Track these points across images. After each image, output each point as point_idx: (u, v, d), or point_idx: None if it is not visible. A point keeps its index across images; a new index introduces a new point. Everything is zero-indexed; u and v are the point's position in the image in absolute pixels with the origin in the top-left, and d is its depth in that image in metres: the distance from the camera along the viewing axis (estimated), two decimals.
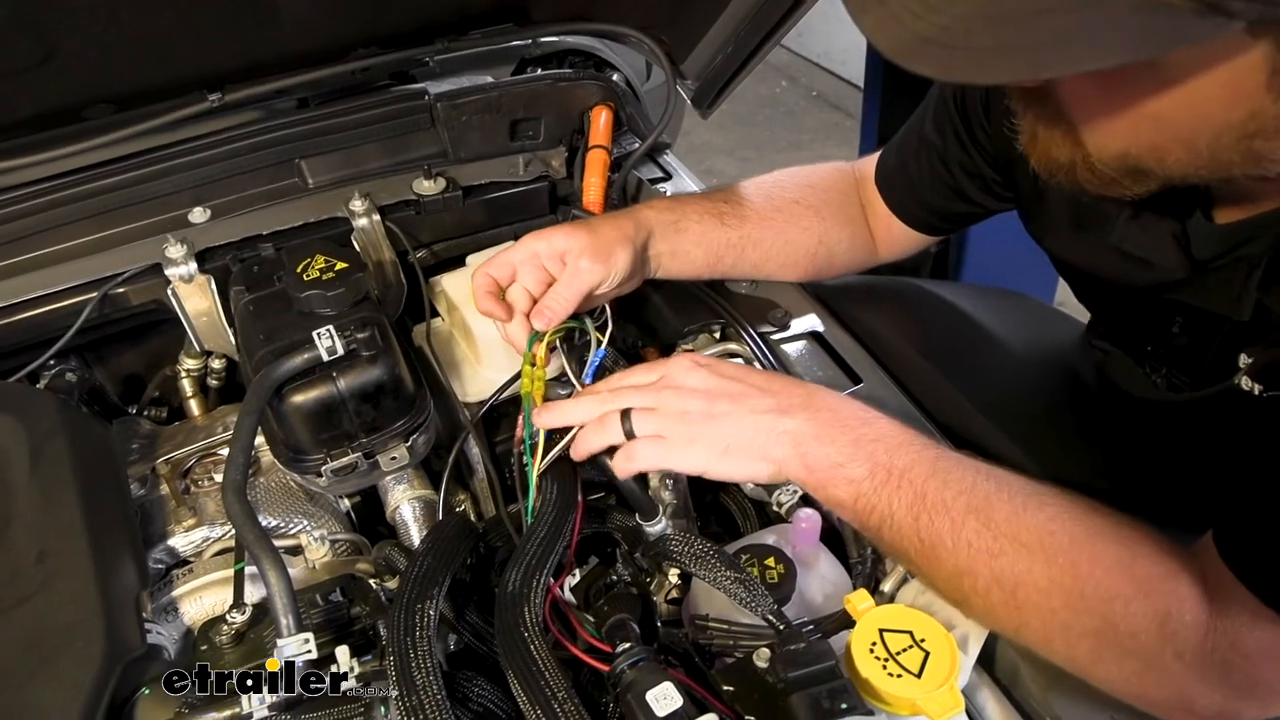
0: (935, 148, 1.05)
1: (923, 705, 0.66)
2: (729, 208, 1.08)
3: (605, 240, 0.95)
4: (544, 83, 1.31)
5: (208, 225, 1.15)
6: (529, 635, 0.70)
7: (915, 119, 1.09)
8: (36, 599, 0.75)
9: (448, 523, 0.87)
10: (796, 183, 1.13)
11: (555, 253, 0.94)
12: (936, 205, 1.09)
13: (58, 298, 1.08)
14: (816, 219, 1.11)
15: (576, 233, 0.95)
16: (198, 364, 1.17)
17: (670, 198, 1.12)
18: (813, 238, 1.11)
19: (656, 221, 1.02)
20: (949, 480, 0.74)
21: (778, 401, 0.81)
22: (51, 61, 0.94)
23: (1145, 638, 0.66)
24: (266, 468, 1.02)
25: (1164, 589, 0.67)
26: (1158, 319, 0.87)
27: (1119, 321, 0.97)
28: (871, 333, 1.07)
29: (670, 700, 0.63)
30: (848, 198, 1.15)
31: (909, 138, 1.09)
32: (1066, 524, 0.71)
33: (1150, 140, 0.62)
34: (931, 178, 1.07)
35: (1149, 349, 0.90)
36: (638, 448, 0.81)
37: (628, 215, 1.02)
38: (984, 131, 0.99)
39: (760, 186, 1.12)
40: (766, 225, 1.09)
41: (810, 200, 1.12)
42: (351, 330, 0.90)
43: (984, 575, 0.71)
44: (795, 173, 1.16)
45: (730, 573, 0.74)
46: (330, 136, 1.22)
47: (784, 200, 1.11)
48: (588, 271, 0.93)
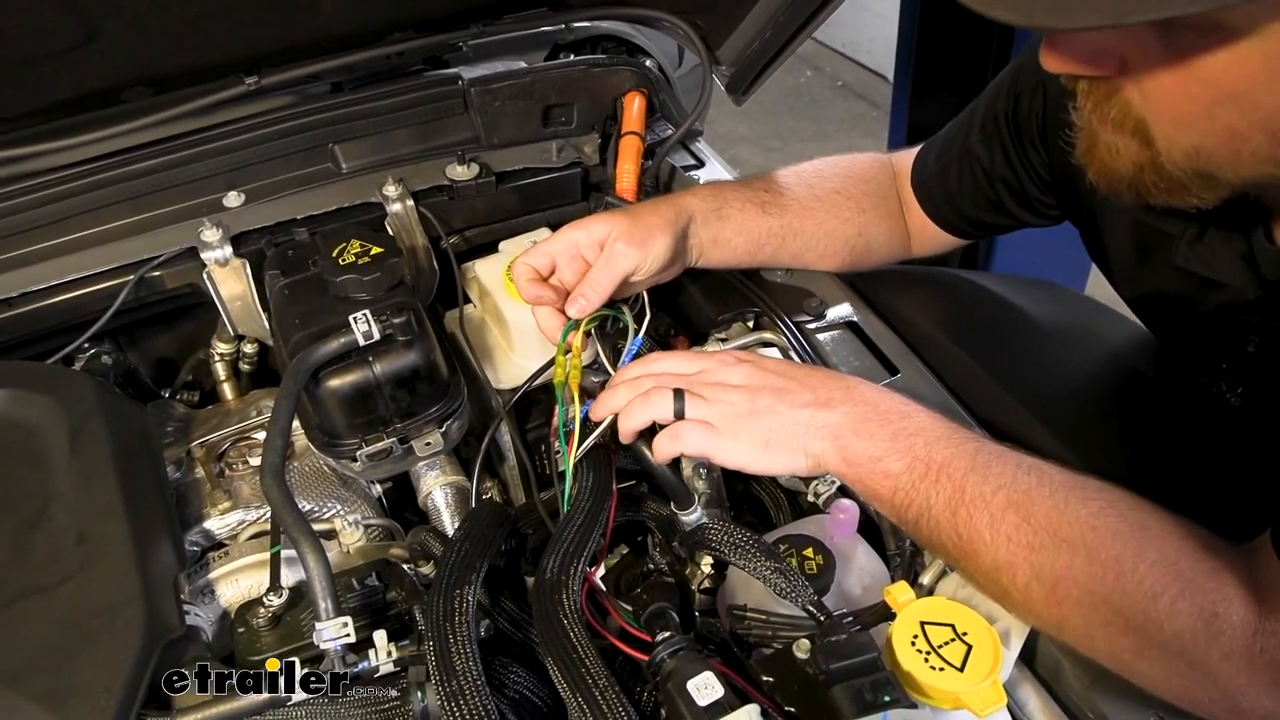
0: (980, 161, 1.03)
1: (965, 699, 0.65)
2: (770, 196, 1.07)
3: (644, 225, 0.95)
4: (577, 68, 1.30)
5: (242, 209, 1.15)
6: (569, 623, 0.70)
7: (959, 126, 1.07)
8: (77, 579, 0.76)
9: (483, 509, 0.87)
10: (838, 173, 1.12)
11: (593, 241, 0.94)
12: (974, 216, 1.08)
13: (94, 281, 1.08)
14: (857, 211, 1.10)
15: (614, 218, 0.94)
16: (230, 348, 1.17)
17: (711, 185, 1.09)
18: (853, 229, 1.10)
19: (698, 208, 1.01)
20: (988, 474, 0.73)
21: (817, 396, 0.80)
22: (93, 43, 0.94)
23: (1190, 637, 0.65)
24: (301, 452, 1.02)
25: (1210, 587, 0.65)
26: (1231, 338, 0.84)
27: (1189, 342, 0.93)
28: (908, 322, 1.06)
29: (711, 690, 0.63)
30: (888, 191, 1.13)
31: (951, 145, 1.07)
32: (1110, 519, 0.69)
33: (1228, 126, 0.59)
34: (973, 190, 1.05)
35: (1224, 367, 0.88)
36: (685, 429, 0.80)
37: (668, 201, 1.01)
38: (1037, 152, 0.98)
39: (801, 176, 1.11)
40: (808, 215, 1.08)
41: (851, 191, 1.11)
42: (387, 315, 0.89)
43: (1024, 570, 0.69)
44: (836, 162, 1.14)
45: (770, 563, 0.73)
46: (364, 121, 1.22)
47: (825, 190, 1.09)
48: (623, 255, 0.93)
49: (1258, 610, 0.64)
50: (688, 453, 0.82)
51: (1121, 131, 0.65)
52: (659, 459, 0.82)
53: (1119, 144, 0.66)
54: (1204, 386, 0.90)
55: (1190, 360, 0.94)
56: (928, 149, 1.12)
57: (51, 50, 0.94)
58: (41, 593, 0.75)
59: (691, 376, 0.84)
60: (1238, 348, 0.84)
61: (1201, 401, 0.91)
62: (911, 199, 1.12)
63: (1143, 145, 0.64)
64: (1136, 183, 0.67)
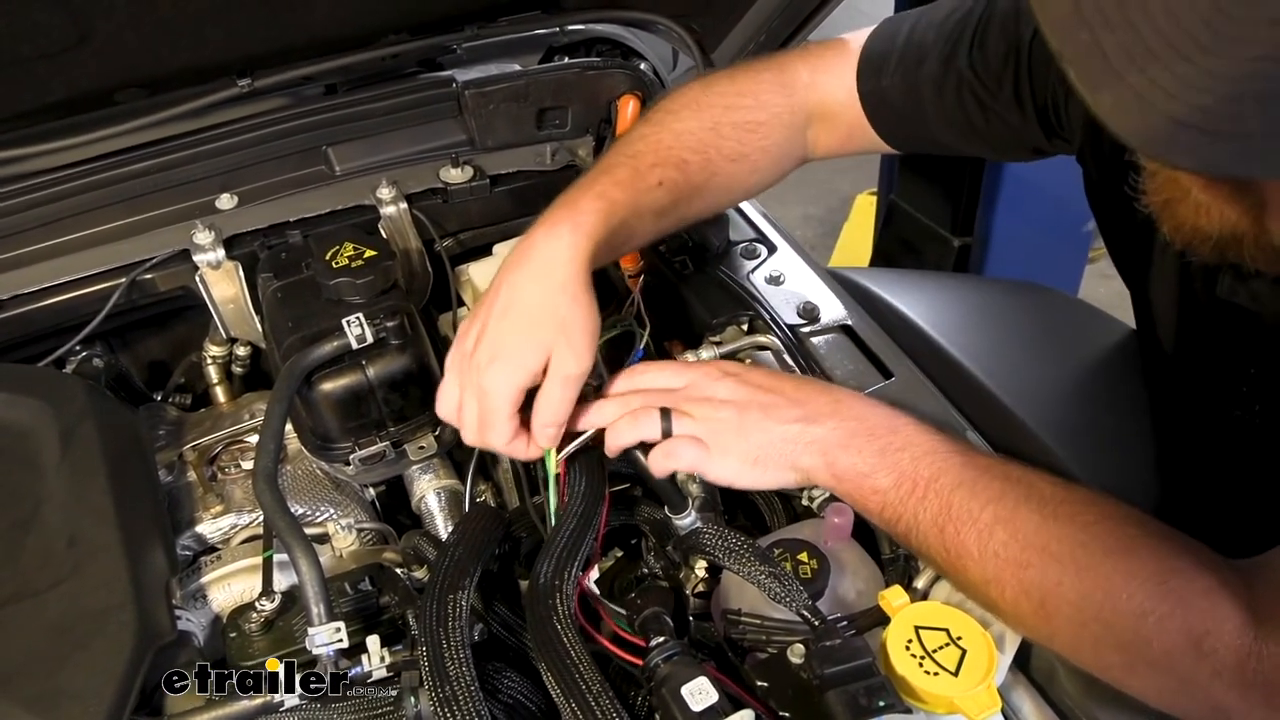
0: (975, 92, 0.91)
1: (960, 704, 0.65)
2: (665, 196, 0.92)
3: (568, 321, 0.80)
4: (572, 71, 1.30)
5: (235, 212, 1.15)
6: (562, 627, 0.69)
7: (932, 32, 0.94)
8: (68, 583, 0.75)
9: (477, 513, 0.86)
10: (736, 131, 0.97)
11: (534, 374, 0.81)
12: (945, 141, 0.98)
13: (85, 283, 1.08)
14: (750, 174, 1.00)
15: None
16: (223, 351, 1.17)
17: (595, 192, 0.88)
18: (742, 191, 1.03)
19: (597, 245, 0.85)
20: (976, 489, 0.72)
21: (805, 411, 0.79)
22: (86, 44, 0.94)
23: (1180, 655, 0.64)
24: (294, 455, 1.02)
25: (1202, 606, 0.64)
26: (1262, 364, 0.82)
27: (1210, 363, 0.90)
28: (903, 325, 1.06)
29: (706, 695, 0.63)
30: (790, 137, 1.01)
31: (926, 60, 0.93)
32: (1099, 534, 0.68)
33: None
34: (956, 113, 0.93)
35: (1244, 390, 0.85)
36: (678, 446, 0.79)
37: (566, 264, 0.82)
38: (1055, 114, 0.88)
39: (697, 148, 0.96)
40: (699, 200, 0.97)
41: (749, 154, 0.98)
42: (380, 318, 0.89)
43: (1012, 586, 0.69)
44: (733, 110, 0.98)
45: (764, 567, 0.73)
46: (358, 124, 1.22)
47: (722, 163, 0.97)
48: (574, 368, 0.80)
49: (1253, 630, 0.63)
50: (682, 469, 0.81)
51: (1227, 204, 0.59)
52: (657, 475, 0.81)
53: (1218, 209, 0.60)
54: (1217, 400, 0.88)
55: (1208, 380, 0.91)
56: (882, 56, 0.97)
57: (44, 51, 0.94)
58: (32, 597, 0.75)
59: (678, 392, 0.83)
60: (1265, 367, 0.82)
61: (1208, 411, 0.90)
62: (842, 111, 1.00)
63: (1252, 221, 0.59)
64: (1225, 246, 0.63)
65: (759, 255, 1.14)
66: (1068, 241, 2.47)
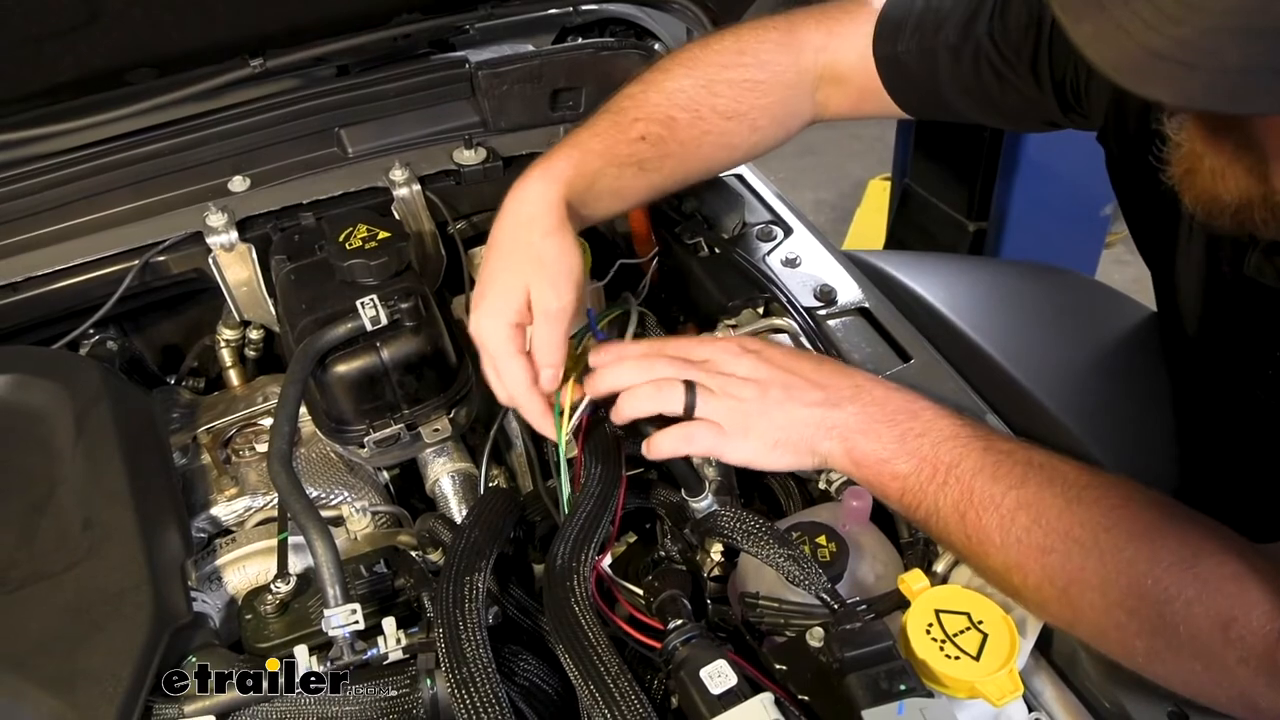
0: (992, 62, 0.90)
1: (981, 688, 0.65)
2: (649, 149, 0.91)
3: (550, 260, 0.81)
4: (585, 52, 1.29)
5: (248, 194, 1.14)
6: (580, 610, 0.69)
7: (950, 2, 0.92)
8: (84, 565, 0.75)
9: (493, 495, 0.86)
10: (732, 89, 0.95)
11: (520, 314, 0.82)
12: (958, 108, 0.96)
13: (99, 265, 1.08)
14: (750, 132, 0.97)
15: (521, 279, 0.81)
16: (236, 334, 1.16)
17: (578, 146, 0.89)
18: (740, 153, 1.01)
19: (573, 193, 0.86)
20: (998, 474, 0.71)
21: (826, 394, 0.78)
22: (97, 22, 0.93)
23: (1206, 640, 0.63)
24: (308, 438, 1.01)
25: (1229, 590, 0.63)
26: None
27: (1235, 344, 0.89)
28: (920, 308, 1.04)
29: (725, 678, 0.62)
30: (794, 96, 0.99)
31: (944, 27, 0.92)
32: (1124, 519, 0.67)
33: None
34: (975, 82, 0.92)
35: (1270, 373, 0.83)
36: (696, 431, 0.78)
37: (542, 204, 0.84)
38: (1073, 93, 0.87)
39: (693, 100, 0.94)
40: (692, 157, 0.95)
41: (747, 112, 0.96)
42: (395, 300, 0.89)
43: (1034, 572, 0.68)
44: (730, 69, 0.96)
45: (783, 550, 0.72)
46: (370, 105, 1.21)
47: (715, 119, 0.95)
48: (554, 303, 0.80)
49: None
50: (698, 454, 0.80)
51: (1235, 164, 0.59)
52: (658, 455, 0.80)
53: (1232, 172, 0.60)
54: (1240, 382, 0.87)
55: (1234, 361, 0.89)
56: (899, 20, 0.95)
57: (54, 29, 0.93)
58: (48, 578, 0.75)
59: (698, 365, 0.82)
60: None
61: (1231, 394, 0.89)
62: (857, 69, 0.98)
63: (1259, 181, 0.59)
64: (1242, 214, 0.62)
65: (775, 237, 1.13)
66: (1084, 226, 2.45)
